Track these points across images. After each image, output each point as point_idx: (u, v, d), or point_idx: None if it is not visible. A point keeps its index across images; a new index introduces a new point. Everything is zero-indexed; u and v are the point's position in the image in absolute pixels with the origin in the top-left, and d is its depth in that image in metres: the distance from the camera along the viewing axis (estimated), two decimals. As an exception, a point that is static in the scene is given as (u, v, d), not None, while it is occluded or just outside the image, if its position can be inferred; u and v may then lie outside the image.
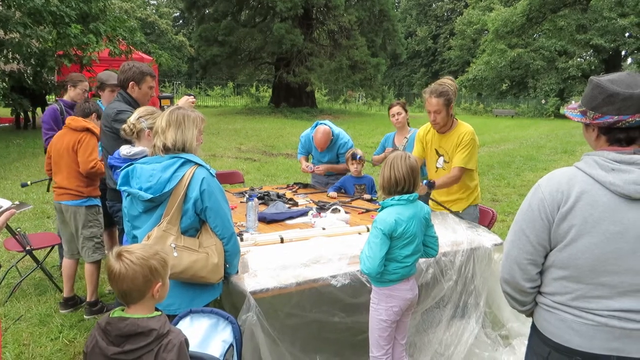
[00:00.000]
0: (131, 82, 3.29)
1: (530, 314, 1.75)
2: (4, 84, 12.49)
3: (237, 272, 2.48)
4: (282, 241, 3.00)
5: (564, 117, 24.54)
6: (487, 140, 16.45)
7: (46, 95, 15.17)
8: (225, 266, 2.34)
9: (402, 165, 2.41)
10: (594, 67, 29.99)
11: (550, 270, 1.62)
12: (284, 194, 4.30)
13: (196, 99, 3.68)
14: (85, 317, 3.69)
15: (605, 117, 1.53)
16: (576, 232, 1.52)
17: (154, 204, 2.26)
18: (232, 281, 2.46)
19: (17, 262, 4.32)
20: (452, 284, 2.92)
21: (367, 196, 4.31)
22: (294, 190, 4.68)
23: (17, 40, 11.15)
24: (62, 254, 4.11)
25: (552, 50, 30.60)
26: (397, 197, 2.41)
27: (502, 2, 35.49)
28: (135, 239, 2.38)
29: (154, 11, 44.55)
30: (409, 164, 2.42)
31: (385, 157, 2.68)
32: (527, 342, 1.81)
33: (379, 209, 2.52)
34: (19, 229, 4.05)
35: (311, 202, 4.10)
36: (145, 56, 14.98)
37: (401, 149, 4.27)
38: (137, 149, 2.79)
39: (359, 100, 36.88)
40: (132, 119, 2.76)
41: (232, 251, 2.35)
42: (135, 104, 3.26)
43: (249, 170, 9.83)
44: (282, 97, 25.93)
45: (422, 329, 3.00)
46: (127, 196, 2.36)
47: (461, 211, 3.58)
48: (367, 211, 3.83)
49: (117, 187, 2.36)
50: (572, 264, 1.54)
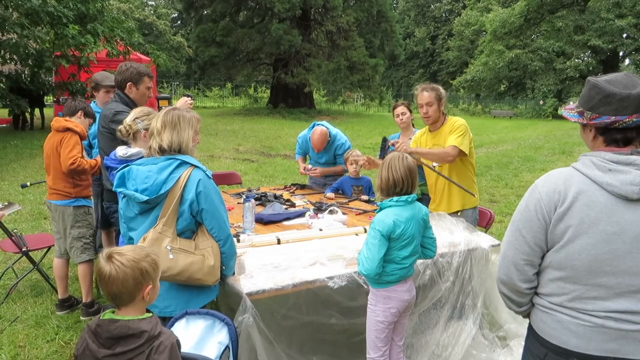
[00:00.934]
0: (129, 83, 3.28)
1: (526, 315, 1.74)
2: (1, 85, 12.47)
3: (234, 273, 2.47)
4: (279, 242, 2.99)
5: (561, 118, 24.56)
6: (485, 141, 16.47)
7: (44, 96, 15.14)
8: (221, 268, 2.33)
9: (399, 166, 2.41)
10: (591, 68, 30.05)
11: (546, 271, 1.61)
12: (281, 195, 4.29)
13: (194, 99, 3.66)
14: (81, 318, 3.67)
15: (602, 117, 1.53)
16: (573, 233, 1.51)
17: (150, 206, 2.25)
18: (228, 283, 2.44)
19: (13, 264, 4.29)
20: (450, 285, 2.92)
21: (365, 197, 4.31)
22: (292, 191, 4.68)
23: (14, 40, 11.13)
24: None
25: (550, 51, 30.66)
26: (395, 198, 2.41)
27: (500, 3, 35.55)
28: (131, 241, 2.36)
29: (152, 12, 44.59)
30: (407, 165, 2.42)
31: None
32: (523, 344, 1.80)
33: (377, 210, 2.51)
34: (15, 230, 4.03)
35: (308, 203, 4.09)
36: (143, 57, 14.98)
37: None
38: (133, 150, 2.78)
39: (357, 101, 36.89)
40: (128, 120, 2.75)
41: (229, 253, 2.34)
42: (132, 105, 3.24)
43: (247, 171, 9.82)
44: (280, 98, 25.93)
45: (419, 330, 2.99)
46: (123, 198, 2.34)
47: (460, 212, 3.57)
48: (365, 212, 3.83)
49: (113, 188, 2.35)
50: (569, 265, 1.54)
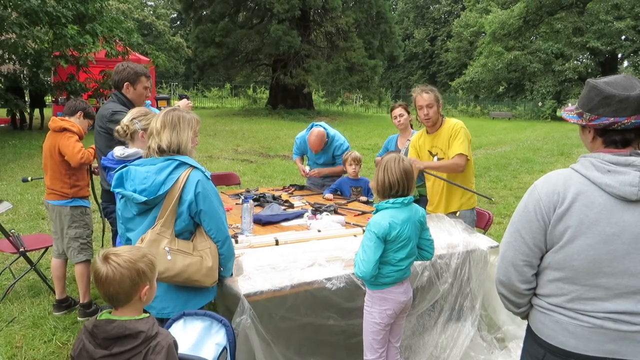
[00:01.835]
0: (126, 83, 3.27)
1: (525, 316, 1.74)
2: (0, 85, 12.46)
3: (232, 274, 2.46)
4: (277, 243, 2.98)
5: (560, 119, 24.60)
6: (483, 142, 16.48)
7: (43, 96, 15.11)
8: (219, 269, 2.32)
9: (395, 168, 2.40)
10: (590, 70, 30.13)
11: (545, 271, 1.61)
12: (280, 196, 4.29)
13: (191, 100, 3.66)
14: (79, 319, 3.66)
15: (601, 118, 1.53)
16: (572, 234, 1.52)
17: (148, 207, 2.24)
18: (226, 284, 2.43)
19: (10, 264, 4.28)
20: (448, 286, 2.91)
21: (364, 198, 4.30)
22: (290, 192, 4.67)
23: (13, 40, 11.12)
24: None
25: (548, 52, 30.73)
26: (391, 200, 2.40)
27: (499, 4, 35.59)
28: (129, 242, 2.35)
29: (152, 12, 44.56)
30: (403, 167, 2.41)
31: None
32: (522, 345, 1.80)
33: (373, 212, 2.51)
34: (12, 230, 4.02)
35: (307, 204, 4.09)
36: (142, 57, 14.97)
37: (403, 151, 4.24)
38: (130, 150, 2.77)
39: (356, 102, 36.89)
40: (126, 120, 2.74)
41: (227, 254, 2.33)
42: (130, 105, 3.23)
43: (246, 171, 9.81)
44: (279, 99, 25.91)
45: (417, 332, 2.99)
46: (121, 198, 2.33)
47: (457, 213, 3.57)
48: (363, 213, 3.82)
49: (111, 189, 2.34)
50: (568, 266, 1.54)
